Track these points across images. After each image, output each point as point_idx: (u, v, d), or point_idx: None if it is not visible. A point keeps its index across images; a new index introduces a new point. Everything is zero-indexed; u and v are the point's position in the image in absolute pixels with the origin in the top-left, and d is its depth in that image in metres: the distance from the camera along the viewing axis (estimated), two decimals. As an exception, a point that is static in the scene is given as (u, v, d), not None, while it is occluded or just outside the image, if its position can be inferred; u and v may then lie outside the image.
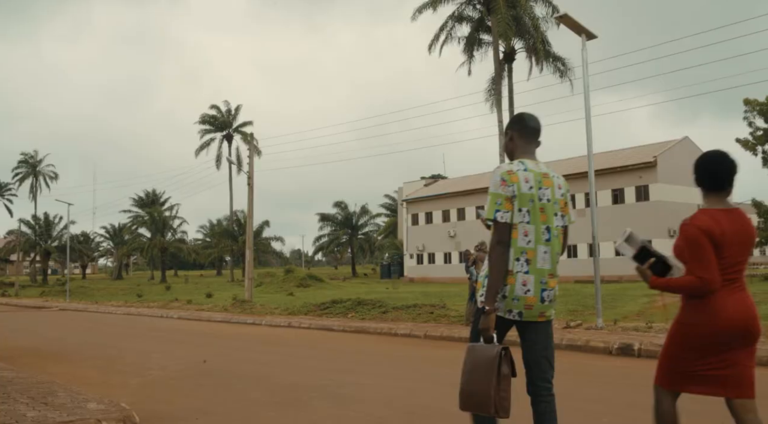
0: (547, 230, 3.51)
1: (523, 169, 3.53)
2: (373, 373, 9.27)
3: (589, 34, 13.61)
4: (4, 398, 6.31)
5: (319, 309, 19.88)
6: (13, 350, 12.77)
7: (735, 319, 3.26)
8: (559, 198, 3.61)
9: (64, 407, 5.79)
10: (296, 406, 6.84)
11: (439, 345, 12.40)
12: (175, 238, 75.22)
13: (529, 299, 3.50)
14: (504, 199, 3.43)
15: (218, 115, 65.77)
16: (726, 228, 3.27)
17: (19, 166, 79.08)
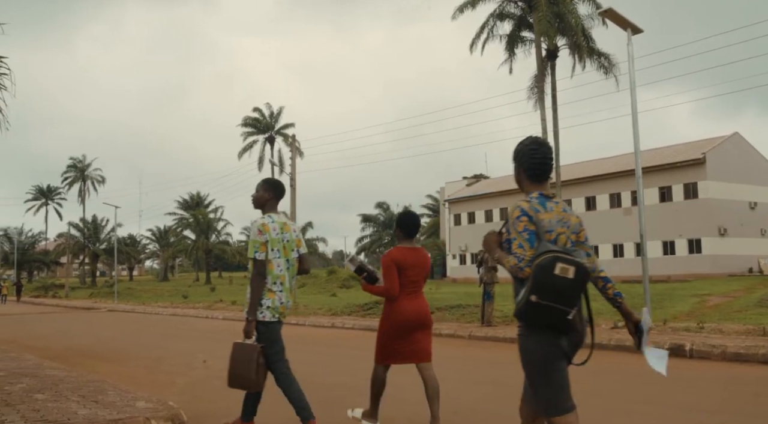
0: (287, 261, 5.14)
1: (271, 221, 5.09)
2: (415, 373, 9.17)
3: (635, 28, 13.35)
4: (56, 396, 6.42)
5: (362, 310, 19.88)
6: (64, 349, 13.03)
7: (411, 314, 5.28)
8: (294, 238, 5.22)
9: (113, 406, 5.86)
10: (340, 405, 6.81)
11: (484, 346, 12.28)
12: (219, 240, 76.14)
13: (282, 308, 5.12)
14: (260, 244, 4.98)
15: (260, 118, 66.39)
16: (409, 259, 5.27)
17: (68, 171, 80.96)
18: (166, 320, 23.25)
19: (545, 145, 3.54)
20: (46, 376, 8.01)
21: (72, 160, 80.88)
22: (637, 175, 13.22)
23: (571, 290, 3.11)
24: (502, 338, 12.77)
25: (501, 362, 10.20)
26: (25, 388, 7.03)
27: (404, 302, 5.26)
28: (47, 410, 5.70)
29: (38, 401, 6.15)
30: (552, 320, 3.15)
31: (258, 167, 66.13)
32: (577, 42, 30.50)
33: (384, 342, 5.44)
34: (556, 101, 32.58)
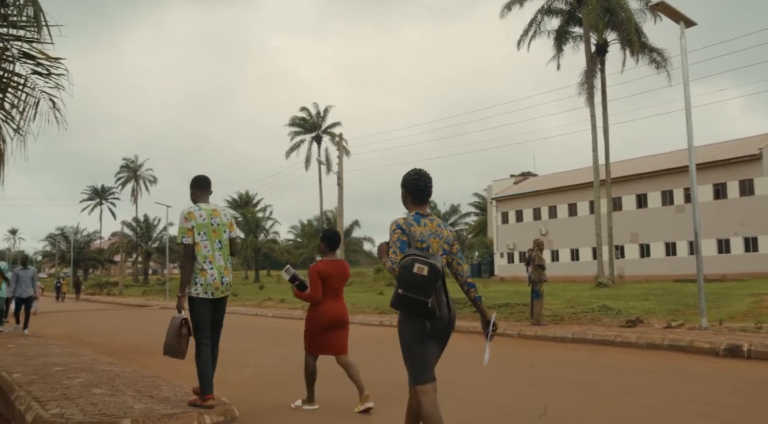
0: (219, 242, 5.91)
1: (198, 208, 5.90)
2: (465, 372, 9.15)
3: (688, 21, 13.04)
4: (113, 391, 6.57)
5: (410, 308, 19.86)
6: (119, 345, 13.33)
7: (333, 314, 6.35)
8: (225, 221, 6.00)
9: (168, 401, 5.97)
10: (389, 403, 6.82)
11: (534, 344, 12.15)
12: (268, 238, 76.99)
13: (215, 285, 5.82)
14: (186, 229, 5.77)
15: (307, 118, 66.89)
16: (330, 270, 6.36)
17: (121, 171, 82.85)
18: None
19: (426, 176, 4.39)
20: (102, 371, 8.21)
21: (125, 161, 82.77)
22: (691, 171, 12.91)
23: (426, 284, 3.86)
24: (551, 337, 12.62)
25: (550, 361, 10.09)
26: (83, 382, 7.22)
27: (327, 304, 6.36)
28: (104, 404, 5.84)
29: (96, 396, 6.31)
30: (415, 307, 3.94)
31: (305, 166, 66.67)
32: (629, 37, 29.92)
33: (310, 336, 6.46)
34: (605, 97, 32.08)
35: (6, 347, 11.48)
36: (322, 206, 70.42)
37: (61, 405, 5.79)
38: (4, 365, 8.78)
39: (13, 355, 10.12)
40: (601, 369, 9.09)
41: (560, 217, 50.31)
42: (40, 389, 6.69)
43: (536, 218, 52.53)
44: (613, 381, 8.05)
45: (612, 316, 14.38)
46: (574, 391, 7.47)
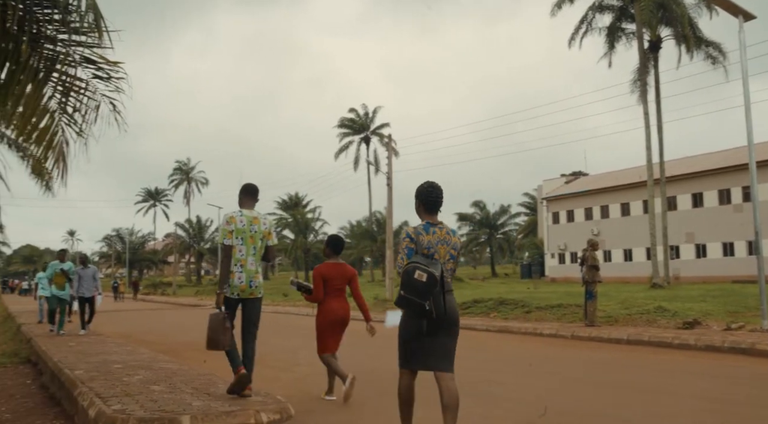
0: (254, 248, 6.31)
1: (240, 214, 6.32)
2: (519, 372, 9.07)
3: (747, 14, 12.67)
4: (171, 388, 6.70)
5: (461, 309, 19.73)
6: (174, 344, 13.60)
7: (334, 313, 6.91)
8: (263, 230, 6.39)
9: (225, 398, 6.06)
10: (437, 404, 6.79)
11: (587, 346, 11.96)
12: (317, 239, 77.51)
13: (242, 286, 6.23)
14: (227, 232, 6.22)
15: (356, 119, 67.17)
16: (332, 272, 6.94)
17: (174, 174, 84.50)
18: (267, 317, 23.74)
19: (437, 189, 4.90)
20: (160, 369, 8.38)
21: (177, 163, 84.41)
22: (752, 169, 12.55)
23: (424, 289, 4.39)
24: (606, 338, 12.41)
25: (605, 362, 9.92)
26: (142, 379, 7.38)
27: (332, 303, 6.96)
28: (163, 400, 5.96)
29: (155, 392, 6.44)
30: (414, 308, 4.49)
31: (354, 167, 67.01)
32: (683, 32, 29.21)
33: (323, 335, 7.03)
34: (659, 94, 31.44)
35: (67, 344, 11.81)
36: (371, 207, 70.72)
37: (122, 401, 5.93)
38: (67, 362, 9.03)
39: (75, 352, 10.41)
40: (659, 371, 8.89)
41: (612, 217, 49.47)
42: (101, 386, 6.86)
43: (588, 217, 51.76)
44: (672, 383, 7.87)
45: (668, 317, 14.06)
46: (631, 393, 7.32)
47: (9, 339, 16.91)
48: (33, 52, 6.00)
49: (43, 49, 6.12)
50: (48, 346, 11.43)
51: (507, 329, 14.99)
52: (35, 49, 6.05)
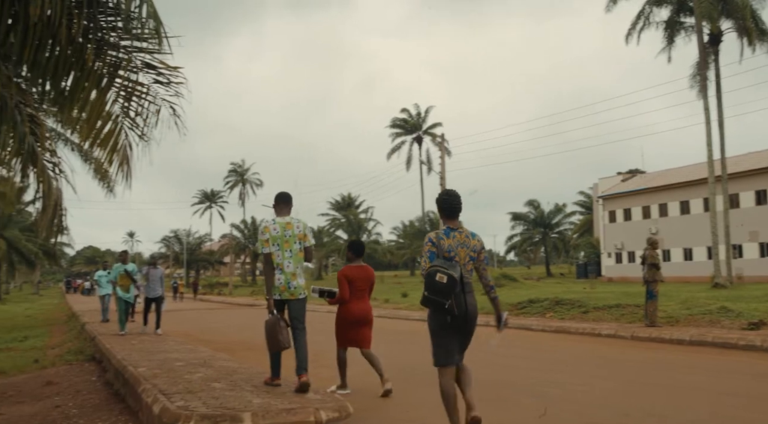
0: (290, 252, 6.75)
1: (273, 222, 6.83)
2: (578, 373, 8.94)
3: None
4: (231, 386, 6.83)
5: (515, 308, 19.60)
6: (232, 343, 13.83)
7: (357, 313, 7.30)
8: (297, 233, 6.81)
9: (284, 396, 6.14)
10: (502, 404, 6.76)
11: (648, 347, 11.71)
12: (370, 239, 77.80)
13: (282, 288, 6.70)
14: (263, 241, 6.77)
15: (408, 119, 67.21)
16: (355, 274, 7.35)
17: (229, 175, 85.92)
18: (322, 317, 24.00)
19: (454, 197, 5.35)
20: (220, 367, 8.53)
21: (232, 165, 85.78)
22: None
23: (445, 289, 4.84)
24: (667, 339, 12.13)
25: (667, 363, 9.71)
26: (203, 377, 7.53)
27: (353, 304, 7.33)
28: (225, 398, 6.07)
29: (216, 390, 6.57)
30: (437, 307, 4.94)
31: (406, 167, 67.04)
32: (745, 24, 28.35)
33: (340, 332, 7.49)
34: (720, 89, 30.60)
35: (130, 343, 12.14)
36: (424, 207, 70.60)
37: (185, 398, 6.07)
38: (130, 359, 9.28)
39: (138, 350, 10.68)
40: (724, 373, 8.67)
41: (671, 215, 48.32)
42: (164, 383, 7.04)
43: (646, 216, 50.66)
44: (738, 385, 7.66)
45: (732, 318, 13.66)
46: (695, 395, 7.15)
47: (74, 337, 17.46)
48: (97, 58, 6.19)
49: (107, 56, 6.31)
50: (111, 344, 11.76)
51: (564, 330, 14.79)
52: (99, 56, 6.24)
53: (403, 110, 68.17)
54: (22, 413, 8.18)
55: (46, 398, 9.02)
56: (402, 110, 68.23)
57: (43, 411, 8.08)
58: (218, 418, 5.23)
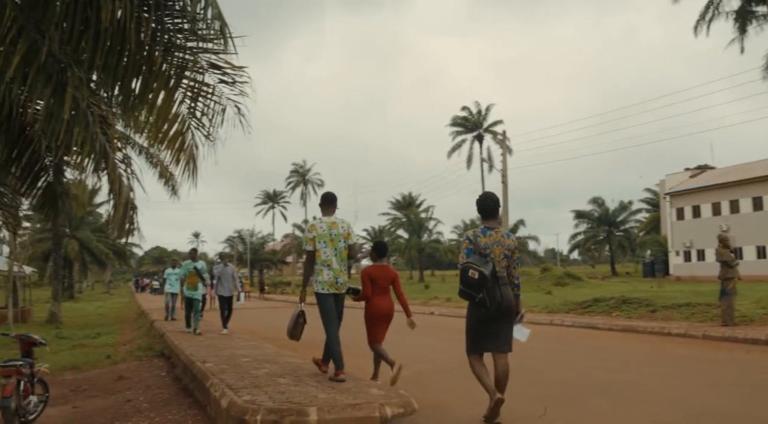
0: (335, 250, 7.01)
1: (319, 221, 7.12)
2: (648, 373, 8.71)
3: None
4: (296, 381, 6.90)
5: (580, 307, 19.25)
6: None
7: (380, 308, 7.57)
8: (342, 232, 7.08)
9: (349, 392, 6.16)
10: (569, 402, 6.64)
11: (720, 346, 11.34)
12: (431, 238, 77.59)
13: (330, 282, 6.96)
14: (309, 239, 7.03)
15: (469, 117, 66.75)
16: (378, 273, 7.62)
17: (291, 176, 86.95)
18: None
19: (489, 199, 5.95)
20: (285, 362, 8.64)
21: (294, 166, 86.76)
22: None
23: (476, 284, 5.43)
24: (741, 338, 11.70)
25: (742, 363, 9.38)
26: (269, 372, 7.63)
27: (377, 300, 7.64)
28: (290, 392, 6.13)
29: (282, 385, 6.65)
30: (470, 300, 5.61)
31: (467, 166, 66.59)
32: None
33: (370, 328, 7.72)
34: (795, 79, 29.34)
35: (197, 339, 12.40)
36: (485, 206, 69.79)
37: (251, 392, 6.15)
38: (198, 355, 9.48)
39: (205, 347, 10.90)
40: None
41: (743, 211, 46.70)
42: (231, 378, 7.15)
43: (716, 213, 49.09)
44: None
45: (810, 317, 13.11)
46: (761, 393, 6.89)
47: (143, 334, 17.95)
48: (164, 60, 6.33)
49: (174, 58, 6.44)
50: (180, 340, 12.04)
51: (631, 329, 14.44)
52: (166, 58, 6.38)
53: (463, 108, 67.73)
54: (95, 406, 8.44)
55: (118, 393, 9.29)
56: (462, 108, 67.76)
57: (115, 405, 8.32)
58: (285, 412, 5.28)
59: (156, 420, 7.13)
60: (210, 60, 6.67)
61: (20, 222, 11.56)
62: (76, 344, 16.93)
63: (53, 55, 6.08)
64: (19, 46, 5.76)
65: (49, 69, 6.09)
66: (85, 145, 6.20)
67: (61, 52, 6.11)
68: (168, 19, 6.51)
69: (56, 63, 6.17)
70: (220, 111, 6.76)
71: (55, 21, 5.74)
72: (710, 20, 29.87)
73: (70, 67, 6.09)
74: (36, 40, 6.00)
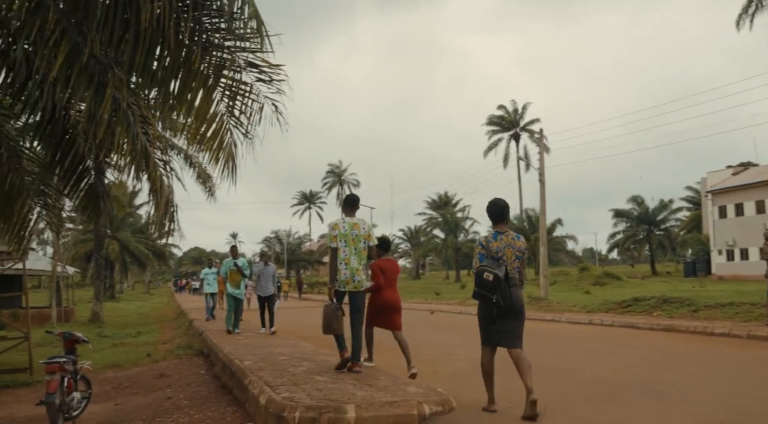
0: (355, 249, 7.39)
1: (342, 221, 7.49)
2: (692, 372, 8.54)
3: None
4: (334, 379, 6.90)
5: (620, 307, 18.97)
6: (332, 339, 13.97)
7: (387, 300, 8.23)
8: (362, 233, 7.47)
9: (387, 389, 6.15)
10: (612, 401, 6.54)
11: (766, 346, 11.06)
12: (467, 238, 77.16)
13: (347, 280, 7.33)
14: (332, 237, 7.40)
15: (505, 115, 66.31)
16: (386, 265, 8.37)
17: (327, 176, 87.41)
18: (421, 315, 24.04)
19: (497, 205, 6.36)
20: (322, 361, 8.65)
21: (330, 166, 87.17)
22: None
23: (491, 286, 5.85)
24: (787, 338, 11.42)
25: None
26: (306, 370, 7.65)
27: (385, 292, 8.28)
28: (328, 390, 6.13)
29: (319, 382, 6.66)
30: (485, 300, 5.98)
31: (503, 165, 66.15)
32: None
33: (370, 315, 8.25)
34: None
35: (235, 338, 12.49)
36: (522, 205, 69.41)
37: (289, 390, 6.17)
38: (236, 353, 9.55)
39: (243, 345, 10.98)
40: None
41: (789, 209, 45.59)
42: (269, 375, 7.19)
43: (760, 211, 47.95)
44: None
45: None
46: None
47: (182, 333, 18.18)
48: (203, 60, 6.38)
49: (212, 57, 6.49)
50: (218, 339, 12.15)
51: (673, 328, 14.18)
52: (204, 57, 6.43)
53: (499, 107, 67.26)
54: (136, 403, 8.56)
55: (158, 390, 9.41)
56: (498, 107, 67.33)
57: (156, 402, 8.42)
58: (323, 409, 5.28)
59: (196, 417, 7.20)
60: (247, 58, 6.71)
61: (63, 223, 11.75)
62: (118, 342, 17.21)
63: (95, 57, 6.18)
64: (61, 47, 5.85)
65: (91, 70, 6.18)
66: (126, 144, 6.29)
67: (102, 54, 6.20)
68: (206, 19, 6.57)
69: (97, 64, 6.27)
70: (257, 109, 6.80)
71: (96, 23, 5.81)
72: (753, 14, 29.24)
73: (111, 67, 6.18)
74: (78, 42, 6.10)
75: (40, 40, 5.98)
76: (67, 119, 7.88)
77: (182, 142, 18.02)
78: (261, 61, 6.67)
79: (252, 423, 6.42)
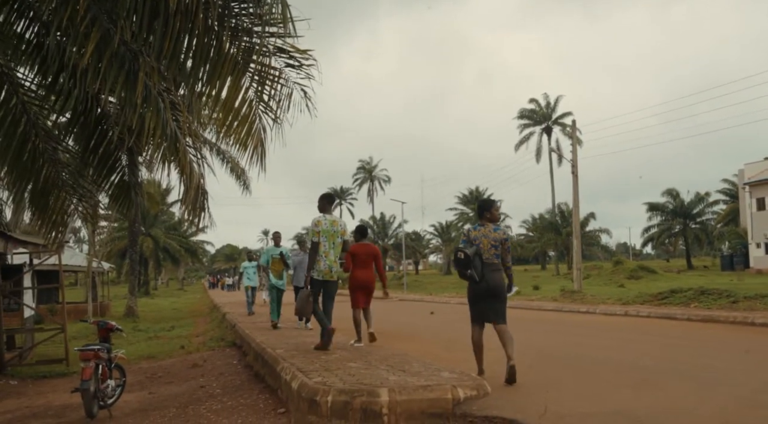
0: (333, 244, 8.38)
1: (324, 218, 8.42)
2: (734, 359, 8.35)
3: None
4: (367, 365, 6.85)
5: (656, 299, 18.63)
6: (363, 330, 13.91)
7: (358, 279, 9.41)
8: (340, 230, 8.50)
9: (420, 374, 6.07)
10: (650, 387, 6.39)
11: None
12: (499, 233, 76.47)
13: (324, 271, 8.31)
14: (315, 232, 8.30)
15: (537, 109, 65.75)
16: (359, 250, 9.38)
17: (357, 173, 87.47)
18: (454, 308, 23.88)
19: (478, 203, 7.65)
20: (355, 349, 8.62)
21: (360, 163, 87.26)
22: None
23: (462, 262, 6.81)
24: (832, 328, 11.11)
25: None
26: (339, 358, 7.61)
27: (358, 272, 9.35)
28: (361, 375, 6.09)
29: (352, 368, 6.61)
30: (462, 277, 7.00)
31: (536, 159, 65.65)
32: None
33: (352, 295, 9.47)
34: None
35: (266, 328, 12.50)
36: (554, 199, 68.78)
37: (322, 375, 6.13)
38: (268, 343, 9.56)
39: (275, 336, 11.00)
40: None
41: (830, 201, 44.49)
42: (301, 362, 7.16)
43: (799, 203, 46.92)
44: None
45: None
46: None
47: (215, 326, 18.32)
48: (231, 44, 6.36)
49: (241, 41, 6.47)
50: (250, 330, 12.18)
51: (711, 319, 13.88)
52: (233, 42, 6.40)
53: (531, 101, 66.77)
54: (170, 392, 8.62)
55: (191, 379, 9.47)
56: (530, 101, 66.83)
57: (189, 390, 8.47)
58: (355, 393, 5.23)
59: (228, 404, 7.21)
60: (276, 44, 6.67)
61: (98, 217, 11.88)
62: (152, 336, 17.41)
63: (125, 43, 6.19)
64: (92, 35, 5.87)
65: (122, 57, 6.19)
66: (156, 130, 6.29)
67: (132, 41, 6.21)
68: (234, 4, 6.54)
69: (128, 51, 6.28)
70: (287, 95, 6.76)
71: (126, 9, 5.82)
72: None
73: (141, 54, 6.18)
74: (108, 29, 6.12)
75: (72, 29, 6.01)
76: (99, 110, 7.95)
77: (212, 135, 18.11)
78: (290, 46, 6.62)
79: (284, 409, 6.40)
